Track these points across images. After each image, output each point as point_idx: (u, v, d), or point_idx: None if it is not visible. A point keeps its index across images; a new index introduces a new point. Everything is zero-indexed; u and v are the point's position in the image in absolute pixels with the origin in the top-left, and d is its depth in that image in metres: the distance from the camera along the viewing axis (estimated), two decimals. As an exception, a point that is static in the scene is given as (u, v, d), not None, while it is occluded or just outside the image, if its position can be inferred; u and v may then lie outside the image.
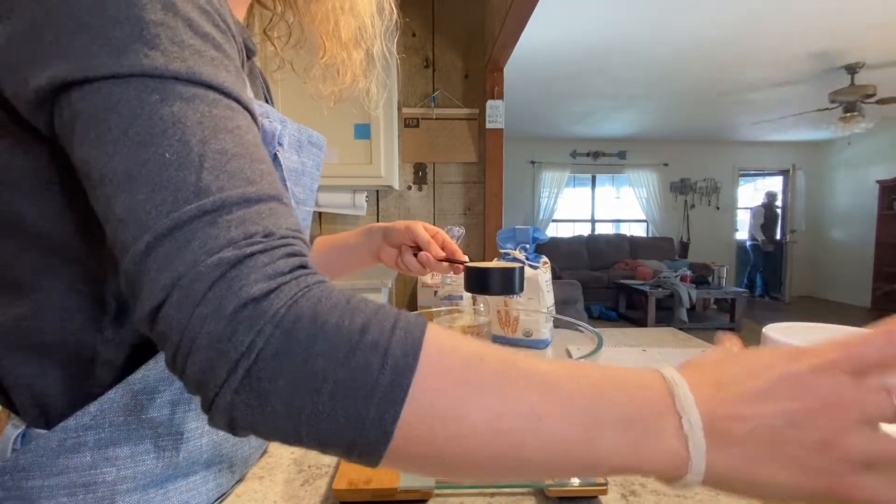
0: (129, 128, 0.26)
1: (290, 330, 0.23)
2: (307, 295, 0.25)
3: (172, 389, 0.38)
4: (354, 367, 0.23)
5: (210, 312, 0.23)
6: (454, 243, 0.67)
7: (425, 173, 2.41)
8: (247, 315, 0.23)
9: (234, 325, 0.23)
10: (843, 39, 3.39)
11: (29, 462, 0.35)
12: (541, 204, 7.04)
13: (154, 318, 0.25)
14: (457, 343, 0.25)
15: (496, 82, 2.27)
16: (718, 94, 4.76)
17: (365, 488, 0.39)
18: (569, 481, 0.41)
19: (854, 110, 4.11)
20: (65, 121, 0.27)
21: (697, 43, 3.44)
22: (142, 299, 0.25)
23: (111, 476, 0.36)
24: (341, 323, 0.24)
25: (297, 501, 0.40)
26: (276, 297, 0.24)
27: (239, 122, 0.29)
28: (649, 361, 0.79)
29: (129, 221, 0.25)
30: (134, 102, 0.26)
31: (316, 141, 0.53)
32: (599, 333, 0.49)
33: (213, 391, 0.24)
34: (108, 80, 0.26)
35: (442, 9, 2.35)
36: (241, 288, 0.24)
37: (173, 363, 0.25)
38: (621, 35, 3.31)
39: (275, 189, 0.28)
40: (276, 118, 0.44)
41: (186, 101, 0.27)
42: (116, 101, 0.26)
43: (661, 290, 4.94)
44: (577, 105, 5.22)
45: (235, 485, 0.47)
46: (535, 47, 3.47)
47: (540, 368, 0.25)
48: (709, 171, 7.19)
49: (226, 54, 0.31)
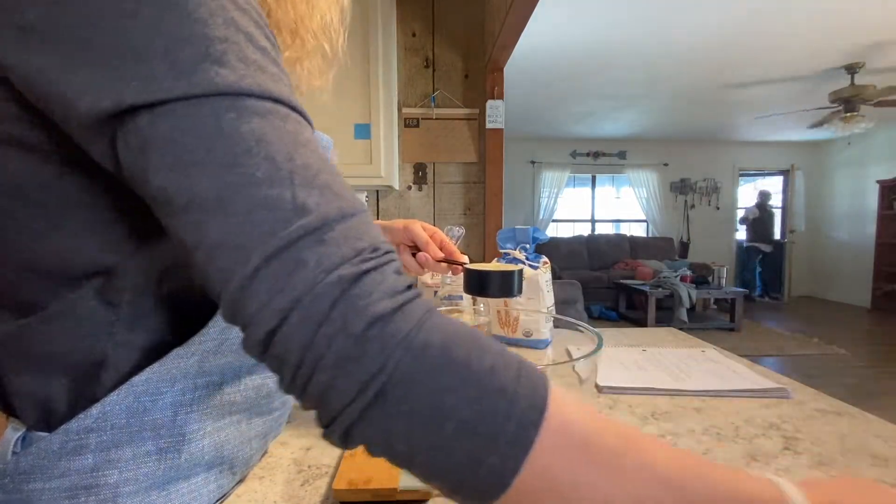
0: (211, 149, 0.25)
1: (420, 356, 0.23)
2: (432, 320, 0.25)
3: (174, 391, 0.38)
4: (482, 409, 0.23)
5: (336, 332, 0.23)
6: (452, 243, 0.67)
7: (425, 173, 2.41)
8: (375, 335, 0.23)
9: (364, 346, 0.23)
10: (842, 39, 3.39)
11: (30, 465, 0.35)
12: (541, 204, 7.04)
13: (269, 341, 0.24)
14: (578, 408, 0.25)
15: (496, 82, 2.27)
16: (718, 95, 4.77)
17: (365, 488, 0.39)
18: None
19: (854, 110, 4.11)
20: (132, 147, 0.26)
21: (697, 43, 3.44)
22: (254, 324, 0.24)
23: (113, 478, 0.36)
24: (469, 358, 0.24)
25: (297, 501, 0.40)
26: (402, 318, 0.24)
27: (308, 135, 0.29)
28: (649, 361, 0.79)
29: (227, 246, 0.24)
30: (211, 122, 0.25)
31: (325, 144, 0.52)
32: (599, 333, 0.49)
33: (338, 410, 0.23)
34: (180, 102, 0.25)
35: (442, 9, 2.35)
36: (366, 306, 0.23)
37: (292, 384, 0.24)
38: (621, 35, 3.31)
39: (359, 201, 0.28)
40: None
41: (262, 117, 0.26)
42: (193, 123, 0.25)
43: (661, 290, 4.94)
44: (577, 105, 5.22)
45: (236, 485, 0.47)
46: (535, 47, 3.48)
47: (657, 457, 0.24)
48: (709, 171, 7.19)
49: (281, 68, 0.30)
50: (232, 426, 0.42)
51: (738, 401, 0.63)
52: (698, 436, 0.53)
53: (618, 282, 5.65)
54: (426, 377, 0.23)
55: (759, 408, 0.61)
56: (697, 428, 0.55)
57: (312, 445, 0.51)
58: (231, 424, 0.42)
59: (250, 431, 0.45)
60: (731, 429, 0.54)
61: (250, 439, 0.45)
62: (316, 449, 0.50)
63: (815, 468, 0.45)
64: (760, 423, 0.56)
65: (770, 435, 0.53)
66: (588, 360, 0.44)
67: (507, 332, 0.88)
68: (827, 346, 4.39)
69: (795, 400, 0.63)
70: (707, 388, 0.66)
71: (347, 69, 1.99)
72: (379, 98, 2.01)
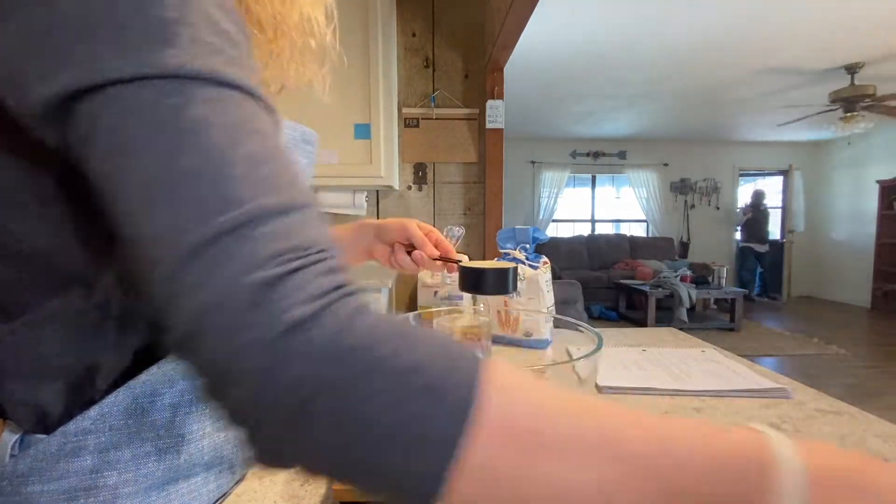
0: (150, 136, 0.24)
1: (341, 362, 0.21)
2: (358, 320, 0.23)
3: (173, 392, 0.38)
4: (407, 411, 0.21)
5: (252, 341, 0.21)
6: (448, 242, 0.67)
7: (425, 173, 2.41)
8: (292, 344, 0.21)
9: (280, 356, 0.21)
10: (843, 39, 3.39)
11: (28, 467, 0.34)
12: (541, 204, 7.04)
13: (188, 345, 0.23)
14: (524, 389, 0.23)
15: (496, 82, 2.27)
16: (718, 94, 4.77)
17: None
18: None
19: (854, 110, 4.11)
20: (81, 133, 0.25)
21: (697, 43, 3.44)
22: (174, 325, 0.23)
23: (112, 480, 0.35)
24: (396, 357, 0.22)
25: (297, 501, 0.40)
26: (323, 323, 0.22)
27: (264, 123, 0.27)
28: (649, 361, 0.79)
29: (155, 239, 0.23)
30: (155, 107, 0.24)
31: (309, 137, 0.51)
32: (599, 333, 0.49)
33: (256, 425, 0.22)
34: (125, 84, 0.24)
35: (442, 9, 2.35)
36: (283, 312, 0.21)
37: (212, 393, 0.23)
38: (621, 35, 3.31)
39: (307, 196, 0.26)
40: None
41: (210, 102, 0.25)
42: (136, 107, 0.24)
43: (661, 290, 4.94)
44: (577, 105, 5.22)
45: (235, 485, 0.47)
46: (535, 47, 3.48)
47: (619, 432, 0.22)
48: (709, 171, 7.19)
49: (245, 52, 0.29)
50: None
51: (738, 401, 0.63)
52: (698, 436, 0.53)
53: (618, 282, 5.65)
54: (349, 384, 0.21)
55: (759, 408, 0.61)
56: (697, 428, 0.55)
57: (312, 445, 0.51)
58: None
59: None
60: (731, 429, 0.54)
61: None
62: (316, 449, 0.50)
63: (815, 468, 0.45)
64: (760, 423, 0.56)
65: (770, 435, 0.53)
66: (588, 360, 0.44)
67: (508, 332, 0.88)
68: (827, 346, 4.39)
69: (795, 400, 0.63)
70: (707, 388, 0.66)
71: (347, 69, 1.99)
72: (379, 98, 2.01)
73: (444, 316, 0.68)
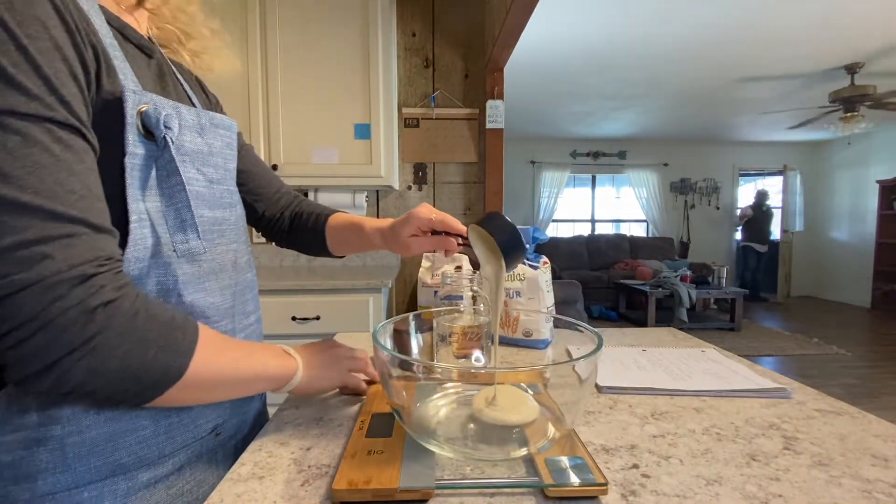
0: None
1: (132, 319, 0.39)
2: (140, 300, 0.41)
3: None
4: (169, 336, 0.42)
5: (71, 306, 0.36)
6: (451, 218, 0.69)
7: (425, 173, 2.41)
8: (103, 309, 0.37)
9: (92, 315, 0.37)
10: (843, 39, 3.39)
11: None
12: (541, 204, 7.04)
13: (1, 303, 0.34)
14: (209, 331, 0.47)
15: (496, 82, 2.27)
16: (718, 94, 4.76)
17: (365, 488, 0.39)
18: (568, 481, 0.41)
19: (854, 110, 4.11)
20: None
21: (697, 43, 3.44)
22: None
23: (57, 431, 0.42)
24: (162, 315, 0.42)
25: (297, 501, 0.40)
26: (121, 301, 0.39)
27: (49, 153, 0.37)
28: (649, 361, 0.79)
29: None
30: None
31: (220, 122, 0.56)
32: (599, 333, 0.49)
33: (58, 358, 0.36)
34: None
35: (442, 9, 2.35)
36: (98, 292, 0.37)
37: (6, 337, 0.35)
38: (621, 35, 3.31)
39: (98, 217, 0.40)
40: (167, 105, 0.47)
41: None
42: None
43: (661, 290, 4.94)
44: (577, 105, 5.22)
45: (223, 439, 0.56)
46: (535, 47, 3.47)
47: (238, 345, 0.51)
48: (709, 171, 7.19)
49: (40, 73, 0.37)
50: None
51: (738, 401, 0.63)
52: (698, 436, 0.53)
53: (618, 282, 5.65)
54: (135, 329, 0.39)
55: (759, 408, 0.61)
56: (697, 428, 0.55)
57: (312, 445, 0.51)
58: None
59: None
60: (731, 429, 0.54)
61: (191, 408, 0.51)
62: (316, 449, 0.50)
63: (815, 468, 0.45)
64: (760, 423, 0.56)
65: (770, 435, 0.53)
66: (588, 360, 0.44)
67: (508, 331, 0.88)
68: (827, 346, 4.39)
69: (795, 400, 0.63)
70: (707, 388, 0.66)
71: (347, 69, 1.99)
72: (379, 98, 2.01)
73: (444, 315, 0.68)
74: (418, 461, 0.44)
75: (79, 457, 0.42)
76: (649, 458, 0.47)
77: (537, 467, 0.43)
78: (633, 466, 0.46)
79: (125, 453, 0.45)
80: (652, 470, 0.45)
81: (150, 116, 0.45)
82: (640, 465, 0.46)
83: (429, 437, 0.46)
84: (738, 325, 4.99)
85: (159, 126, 0.45)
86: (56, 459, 0.42)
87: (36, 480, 0.41)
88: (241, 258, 0.60)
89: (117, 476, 0.45)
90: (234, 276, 0.58)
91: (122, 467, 0.45)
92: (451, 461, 0.46)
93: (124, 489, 0.45)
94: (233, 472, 0.45)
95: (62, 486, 0.42)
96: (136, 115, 0.44)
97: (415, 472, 0.42)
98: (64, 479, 0.42)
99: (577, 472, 0.42)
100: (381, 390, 0.62)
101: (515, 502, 0.40)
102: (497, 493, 0.41)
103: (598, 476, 0.41)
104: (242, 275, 0.60)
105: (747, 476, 0.44)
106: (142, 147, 0.45)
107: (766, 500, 0.40)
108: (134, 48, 0.50)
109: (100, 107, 0.42)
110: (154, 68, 0.54)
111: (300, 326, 1.76)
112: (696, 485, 0.42)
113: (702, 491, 0.41)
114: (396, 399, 0.47)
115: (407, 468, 0.42)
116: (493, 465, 0.45)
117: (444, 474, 0.43)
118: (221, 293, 0.55)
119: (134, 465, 0.46)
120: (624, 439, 0.52)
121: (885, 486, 0.42)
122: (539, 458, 0.44)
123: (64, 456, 0.42)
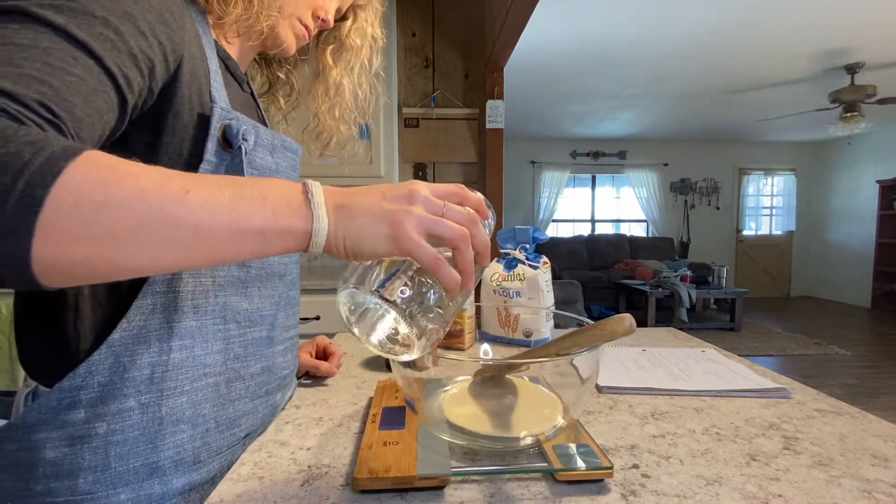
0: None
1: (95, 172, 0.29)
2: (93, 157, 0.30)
3: (151, 352, 0.44)
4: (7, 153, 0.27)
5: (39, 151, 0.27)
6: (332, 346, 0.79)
7: (425, 173, 2.41)
8: None
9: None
10: (843, 39, 3.39)
11: (35, 418, 0.42)
12: (541, 204, 7.03)
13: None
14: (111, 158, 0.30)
15: (496, 82, 2.27)
16: (718, 94, 4.76)
17: (385, 476, 0.41)
18: (577, 465, 0.41)
19: (854, 110, 4.10)
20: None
21: (697, 42, 3.44)
22: None
23: (103, 429, 0.42)
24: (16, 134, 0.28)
25: (298, 501, 0.40)
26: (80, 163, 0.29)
27: None
28: (649, 361, 0.79)
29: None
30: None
31: (289, 146, 0.59)
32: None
33: None
34: None
35: (442, 9, 2.35)
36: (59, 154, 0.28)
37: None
38: (621, 35, 3.31)
39: None
40: (248, 122, 0.50)
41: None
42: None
43: (661, 290, 4.93)
44: (577, 105, 5.22)
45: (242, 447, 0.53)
46: (535, 47, 3.47)
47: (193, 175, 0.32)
48: (709, 170, 7.18)
49: None
50: (209, 388, 0.49)
51: (738, 401, 0.63)
52: (698, 436, 0.53)
53: (618, 282, 5.65)
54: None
55: (759, 408, 0.61)
56: (697, 428, 0.55)
57: (312, 445, 0.51)
58: (208, 386, 0.49)
59: (230, 394, 0.51)
60: (731, 429, 0.54)
61: (233, 401, 0.51)
62: (316, 449, 0.50)
63: (815, 468, 0.45)
64: (760, 423, 0.56)
65: (770, 435, 0.53)
66: (589, 360, 0.44)
67: (508, 331, 0.88)
68: (827, 346, 4.39)
69: (795, 400, 0.63)
70: (707, 388, 0.66)
71: (347, 69, 1.99)
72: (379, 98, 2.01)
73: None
74: (433, 450, 0.45)
75: (119, 457, 0.43)
76: (649, 458, 0.48)
77: (546, 454, 0.45)
78: (633, 466, 0.46)
79: (163, 456, 0.45)
80: (652, 470, 0.45)
81: (232, 128, 0.48)
82: (640, 465, 0.46)
83: (442, 428, 0.47)
84: (738, 325, 4.98)
85: (238, 136, 0.48)
86: (98, 458, 0.42)
87: (77, 478, 0.42)
88: (289, 274, 0.62)
89: (153, 479, 0.45)
90: (279, 288, 0.59)
91: (160, 470, 0.45)
92: (463, 449, 0.47)
93: (159, 494, 0.45)
94: (233, 472, 0.45)
95: (101, 485, 0.42)
96: (220, 128, 0.47)
97: (431, 460, 0.43)
98: (104, 479, 0.43)
99: (584, 456, 0.44)
100: (387, 385, 0.63)
101: (527, 487, 0.42)
102: (510, 479, 0.43)
103: (604, 460, 0.43)
104: (287, 290, 0.61)
105: (747, 476, 0.44)
106: (217, 156, 0.47)
107: (766, 500, 0.40)
108: (230, 77, 0.56)
109: (187, 120, 0.45)
110: (243, 97, 0.59)
111: (300, 326, 1.76)
112: (696, 485, 0.42)
113: (702, 491, 0.41)
114: (409, 392, 0.49)
115: (423, 457, 0.44)
116: (504, 453, 0.46)
117: (458, 462, 0.45)
118: (261, 300, 0.55)
119: (171, 468, 0.46)
120: (624, 439, 0.52)
121: (885, 486, 0.42)
122: (547, 446, 0.46)
123: (106, 455, 0.43)
